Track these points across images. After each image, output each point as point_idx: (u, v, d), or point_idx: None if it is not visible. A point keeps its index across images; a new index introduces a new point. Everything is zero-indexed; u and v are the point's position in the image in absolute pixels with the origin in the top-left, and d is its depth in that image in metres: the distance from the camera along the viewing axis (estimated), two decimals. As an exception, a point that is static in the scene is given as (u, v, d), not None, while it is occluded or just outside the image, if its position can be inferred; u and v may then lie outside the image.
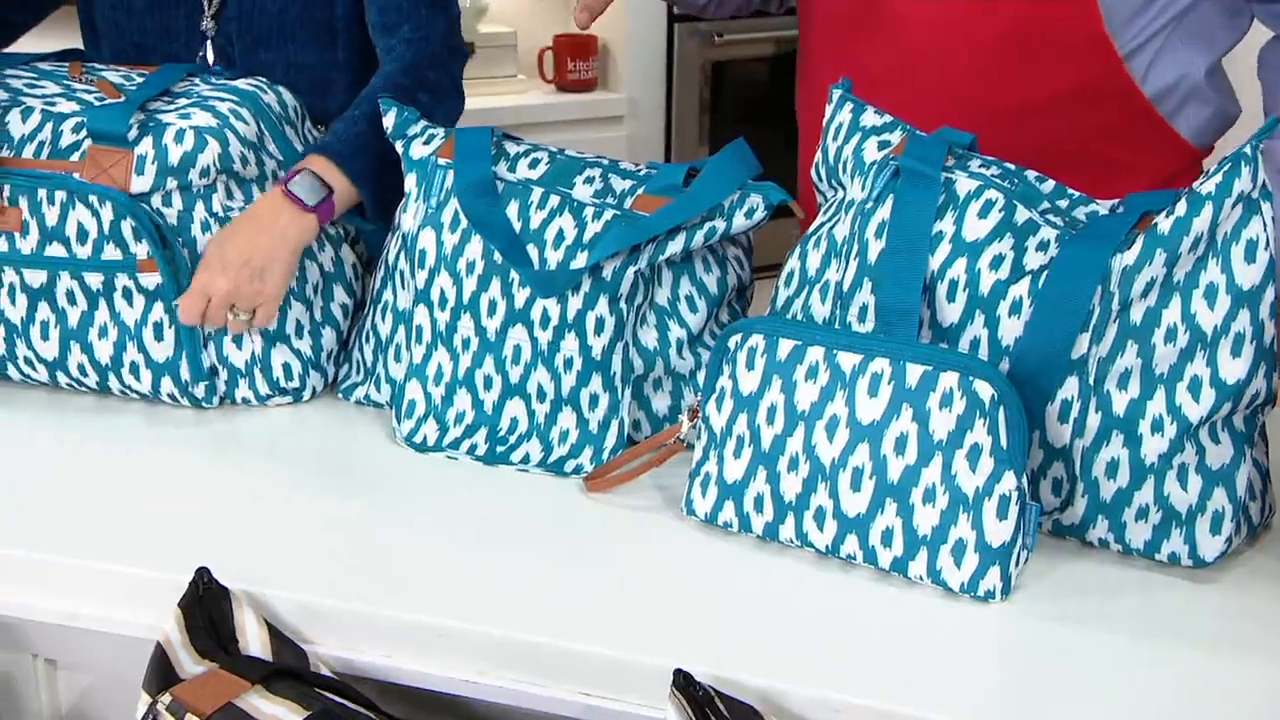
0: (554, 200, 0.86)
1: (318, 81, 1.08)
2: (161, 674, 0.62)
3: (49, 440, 0.88)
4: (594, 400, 0.86)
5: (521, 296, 0.85)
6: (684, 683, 0.59)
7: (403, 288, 0.92)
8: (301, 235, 0.90)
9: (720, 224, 0.85)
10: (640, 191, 0.87)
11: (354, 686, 0.67)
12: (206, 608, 0.66)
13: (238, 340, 0.92)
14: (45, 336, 0.91)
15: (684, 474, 0.81)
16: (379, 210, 0.96)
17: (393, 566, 0.73)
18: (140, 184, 0.88)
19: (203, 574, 0.67)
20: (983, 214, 0.73)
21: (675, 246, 0.84)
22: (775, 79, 2.35)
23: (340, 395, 0.96)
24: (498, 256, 0.85)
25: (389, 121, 0.93)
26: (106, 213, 0.88)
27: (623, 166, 0.91)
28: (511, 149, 0.91)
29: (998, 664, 0.66)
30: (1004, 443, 0.68)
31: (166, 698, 0.59)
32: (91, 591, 0.73)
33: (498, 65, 2.23)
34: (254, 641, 0.66)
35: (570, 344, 0.85)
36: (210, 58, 1.07)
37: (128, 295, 0.89)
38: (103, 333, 0.90)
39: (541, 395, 0.86)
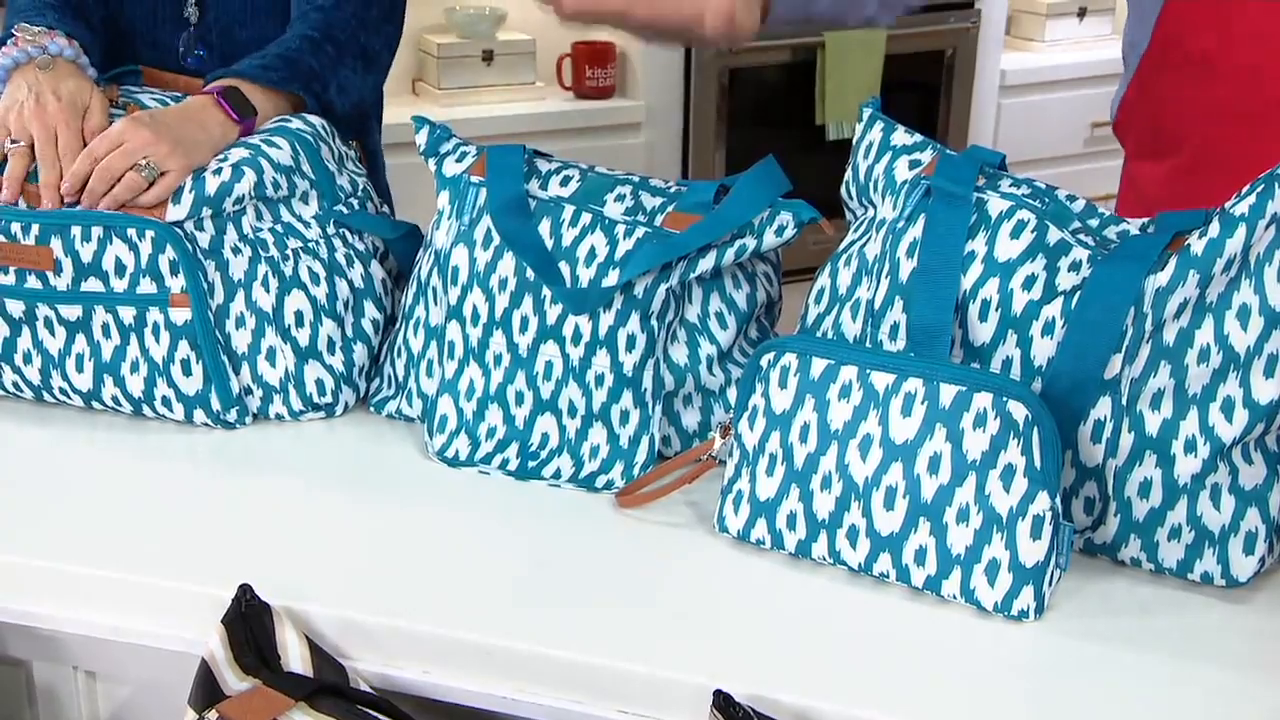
0: (585, 218, 0.87)
1: None
2: (207, 690, 0.63)
3: (84, 456, 0.90)
4: (625, 416, 0.87)
5: (553, 313, 0.86)
6: (723, 703, 0.60)
7: (435, 304, 0.93)
8: (225, 138, 0.94)
9: (751, 241, 0.86)
10: (671, 209, 0.88)
11: (393, 703, 0.68)
12: (249, 624, 0.67)
13: (271, 358, 0.93)
14: (80, 369, 0.92)
15: (714, 490, 0.82)
16: (322, 107, 1.00)
17: (430, 582, 0.74)
18: (176, 213, 0.90)
19: (245, 590, 0.69)
20: (1015, 234, 0.74)
21: (706, 264, 0.85)
22: (792, 86, 2.35)
23: (371, 409, 0.97)
24: (530, 273, 0.86)
25: (421, 139, 0.95)
26: (145, 246, 0.89)
27: (653, 184, 0.92)
28: (543, 166, 0.92)
29: (1033, 682, 0.67)
30: (1038, 463, 0.69)
31: (213, 714, 0.61)
32: (133, 605, 0.74)
33: (516, 72, 2.25)
34: (295, 658, 0.67)
35: (601, 360, 0.86)
36: (190, 45, 1.09)
37: (156, 331, 0.90)
38: (134, 367, 0.91)
39: (573, 411, 0.87)
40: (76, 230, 0.89)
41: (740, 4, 0.87)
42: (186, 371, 0.91)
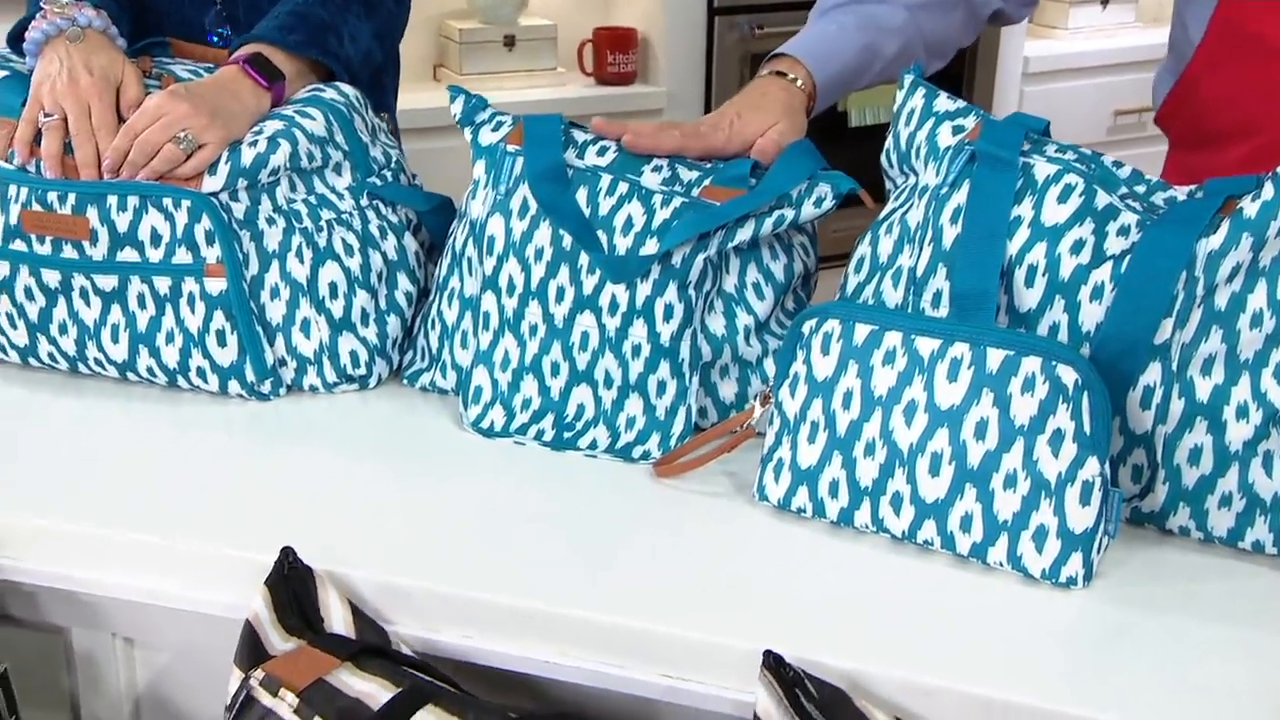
0: (623, 187, 0.87)
1: None
2: (252, 650, 0.63)
3: (119, 426, 0.90)
4: (661, 387, 0.86)
5: (590, 283, 0.86)
6: (774, 663, 0.60)
7: (470, 274, 0.92)
8: (260, 107, 0.94)
9: (790, 212, 0.85)
10: (708, 182, 0.88)
11: (434, 666, 0.68)
12: (291, 586, 0.67)
13: (306, 330, 0.93)
14: (115, 339, 0.92)
15: (752, 461, 0.82)
16: (349, 72, 1.00)
17: (469, 548, 0.74)
18: (212, 184, 0.89)
19: (288, 553, 0.68)
20: (1062, 198, 0.73)
21: (744, 234, 0.85)
22: (815, 72, 2.34)
23: (405, 382, 0.97)
24: (566, 243, 0.86)
25: (456, 108, 0.94)
26: (181, 215, 0.89)
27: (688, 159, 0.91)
28: (579, 137, 0.91)
29: (1081, 649, 0.66)
30: (1088, 428, 0.68)
31: (259, 673, 0.61)
32: (172, 569, 0.74)
33: (538, 58, 2.24)
34: (338, 620, 0.67)
35: (639, 330, 0.85)
36: (215, 22, 1.09)
37: (191, 301, 0.90)
38: (169, 338, 0.91)
39: (609, 382, 0.87)
40: (113, 200, 0.89)
41: (785, 127, 0.91)
42: (221, 342, 0.91)
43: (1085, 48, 2.62)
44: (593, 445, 0.87)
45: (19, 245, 0.91)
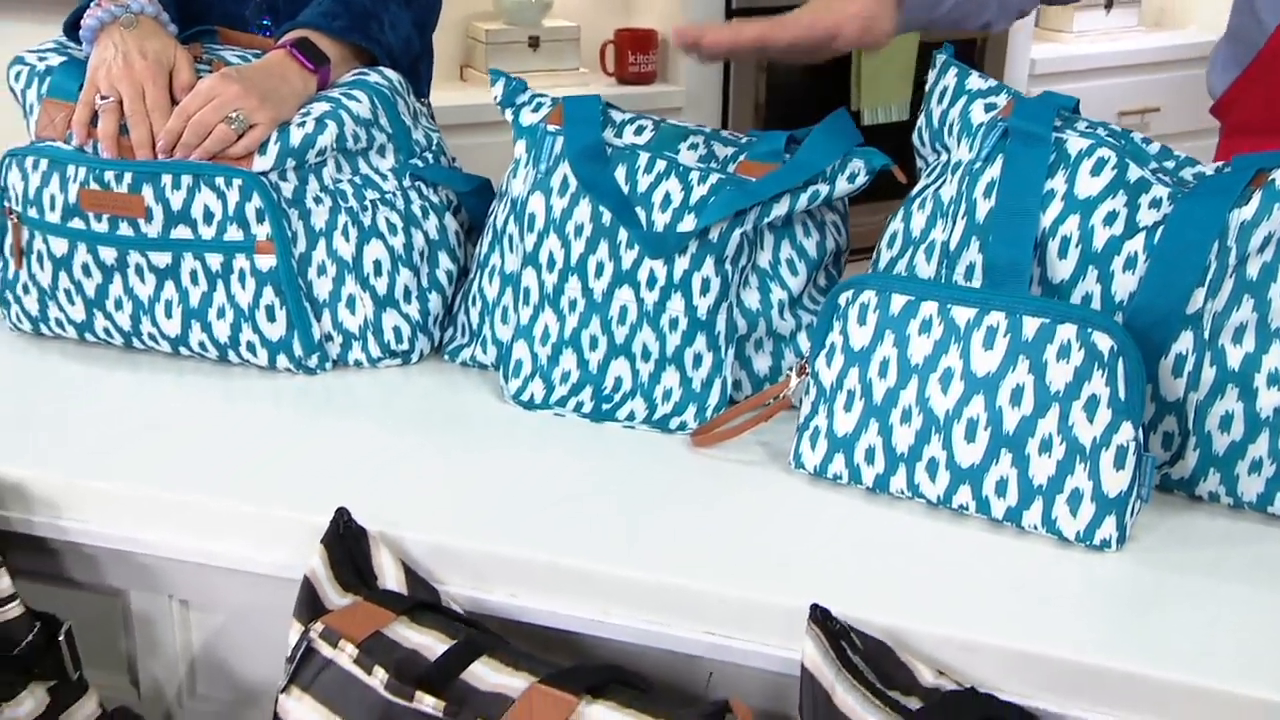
0: (660, 164, 0.86)
1: None
2: (311, 605, 0.62)
3: (173, 397, 0.89)
4: (698, 359, 0.85)
5: (629, 258, 0.84)
6: (821, 616, 0.58)
7: (510, 251, 0.91)
8: (306, 89, 0.93)
9: (824, 188, 0.84)
10: (743, 158, 0.86)
11: (483, 624, 0.66)
12: (346, 545, 0.66)
13: (351, 306, 0.92)
14: (169, 315, 0.91)
15: (786, 431, 0.80)
16: (390, 58, 0.99)
17: (515, 511, 0.73)
18: (262, 164, 0.89)
19: (342, 513, 0.67)
20: (1095, 171, 0.72)
21: (780, 210, 0.83)
22: (828, 73, 2.33)
23: (446, 357, 0.96)
24: (606, 219, 0.84)
25: (498, 90, 0.93)
26: (233, 194, 0.88)
27: (723, 135, 0.90)
28: (617, 117, 0.90)
29: (1116, 606, 0.65)
30: (1122, 394, 0.67)
31: (319, 625, 0.60)
32: (228, 531, 0.73)
33: (561, 58, 2.23)
34: (391, 579, 0.66)
35: (676, 304, 0.84)
36: (257, 13, 1.08)
37: (242, 278, 0.89)
38: (221, 313, 0.90)
39: (646, 355, 0.86)
40: (167, 179, 0.88)
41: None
42: (270, 317, 0.90)
43: (1090, 50, 2.60)
44: (630, 417, 0.86)
45: (77, 223, 0.90)
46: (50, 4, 1.16)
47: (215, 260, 0.89)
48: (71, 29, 0.98)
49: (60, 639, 0.71)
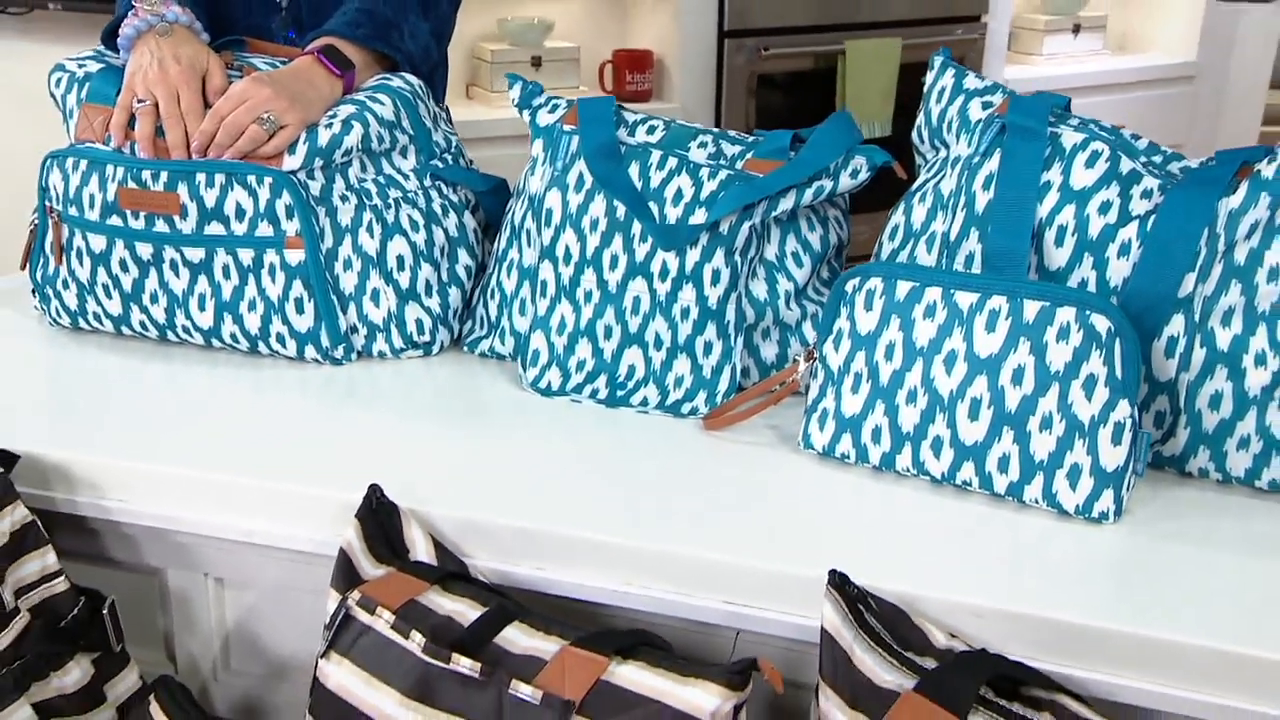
0: (672, 162, 0.86)
1: None
2: (347, 575, 0.62)
3: (206, 386, 0.89)
4: (708, 348, 0.85)
5: (642, 251, 0.85)
6: (839, 582, 0.58)
7: (528, 245, 0.92)
8: (333, 93, 0.93)
9: (828, 183, 0.84)
10: (750, 155, 0.87)
11: (510, 595, 0.66)
12: (379, 519, 0.66)
13: (376, 299, 0.92)
14: (202, 308, 0.91)
15: (794, 416, 0.81)
16: (410, 64, 1.00)
17: (538, 489, 0.73)
18: (291, 163, 0.89)
19: (375, 490, 0.67)
20: (1089, 164, 0.72)
21: (787, 204, 0.84)
22: (814, 89, 2.35)
23: (465, 349, 0.96)
24: (620, 214, 0.85)
25: (515, 94, 0.93)
26: (264, 191, 0.88)
27: (730, 134, 0.90)
28: (629, 117, 0.91)
29: (1115, 573, 0.65)
30: (1119, 373, 0.67)
31: (356, 594, 0.59)
32: (263, 509, 0.73)
33: (562, 77, 2.24)
34: (422, 552, 0.66)
35: (688, 294, 0.84)
36: (283, 26, 1.09)
37: (272, 272, 0.89)
38: (252, 306, 0.90)
39: (658, 343, 0.86)
40: (201, 177, 0.88)
41: None
42: (299, 310, 0.90)
43: (1059, 72, 2.63)
44: (644, 403, 0.86)
45: (115, 220, 0.90)
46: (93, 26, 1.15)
47: (247, 255, 0.89)
48: (109, 37, 0.98)
49: (104, 612, 0.70)
